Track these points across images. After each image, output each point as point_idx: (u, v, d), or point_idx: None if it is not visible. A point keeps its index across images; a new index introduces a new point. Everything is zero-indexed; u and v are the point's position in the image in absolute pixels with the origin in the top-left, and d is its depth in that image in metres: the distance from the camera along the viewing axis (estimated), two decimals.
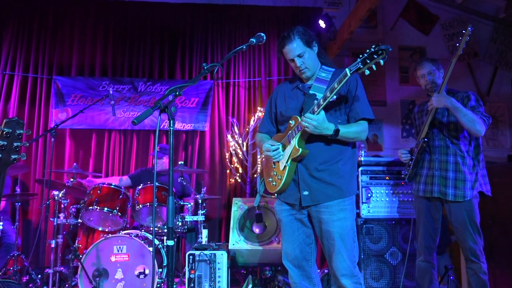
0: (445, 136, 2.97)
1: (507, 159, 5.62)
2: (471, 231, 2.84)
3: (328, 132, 2.20)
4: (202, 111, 5.28)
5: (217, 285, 3.41)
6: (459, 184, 2.87)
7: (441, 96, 2.86)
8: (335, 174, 2.29)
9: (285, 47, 2.36)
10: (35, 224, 4.88)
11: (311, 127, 2.17)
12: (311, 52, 2.37)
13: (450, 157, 2.93)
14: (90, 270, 3.39)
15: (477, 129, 2.80)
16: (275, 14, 5.54)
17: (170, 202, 1.82)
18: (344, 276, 2.23)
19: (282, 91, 2.55)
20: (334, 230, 2.25)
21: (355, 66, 2.05)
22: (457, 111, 2.80)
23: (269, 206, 3.85)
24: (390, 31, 5.74)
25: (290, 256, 2.38)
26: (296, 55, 2.35)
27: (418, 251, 3.06)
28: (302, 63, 2.36)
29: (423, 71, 3.07)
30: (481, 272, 2.83)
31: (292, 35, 2.34)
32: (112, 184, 3.92)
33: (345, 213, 2.27)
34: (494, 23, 5.76)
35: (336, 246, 2.24)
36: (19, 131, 1.68)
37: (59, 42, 5.27)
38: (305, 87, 2.43)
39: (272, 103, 2.58)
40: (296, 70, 2.42)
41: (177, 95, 1.85)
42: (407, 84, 5.73)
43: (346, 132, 2.26)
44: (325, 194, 2.28)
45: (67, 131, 5.14)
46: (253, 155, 5.21)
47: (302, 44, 2.33)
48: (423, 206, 3.03)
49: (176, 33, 5.43)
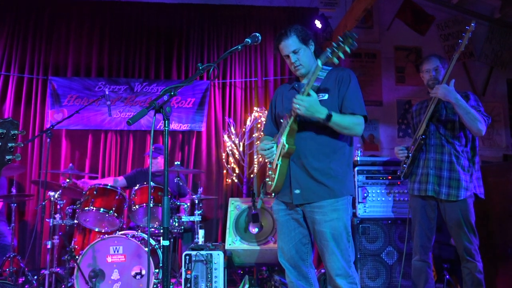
0: (441, 135, 2.96)
1: (502, 158, 5.65)
2: (466, 231, 2.85)
3: (320, 115, 2.17)
4: (199, 111, 5.28)
5: (213, 286, 3.41)
6: (453, 184, 2.88)
7: (448, 89, 2.79)
8: (327, 174, 2.27)
9: (281, 43, 2.38)
10: (31, 225, 4.86)
11: (303, 108, 2.14)
12: (306, 49, 2.37)
13: (445, 156, 2.93)
14: (86, 271, 3.38)
15: (479, 128, 2.79)
16: (271, 14, 5.54)
17: (165, 202, 1.82)
18: (339, 276, 2.23)
19: (281, 93, 2.55)
20: (327, 230, 2.23)
21: (325, 56, 2.09)
22: (461, 108, 2.78)
23: (266, 206, 3.85)
24: (386, 31, 5.75)
25: (286, 256, 2.38)
26: (291, 51, 2.35)
27: (414, 250, 3.07)
28: (296, 59, 2.36)
29: (429, 66, 3.05)
30: (477, 271, 2.85)
31: (289, 31, 2.35)
32: (108, 185, 3.91)
33: (338, 213, 2.25)
34: (490, 23, 5.78)
35: (329, 246, 2.23)
36: (14, 132, 1.67)
37: (55, 43, 5.26)
38: (300, 86, 2.41)
39: (272, 104, 2.60)
40: (291, 66, 2.43)
41: (172, 95, 1.85)
42: (403, 84, 5.75)
43: (339, 120, 2.21)
44: (316, 193, 2.26)
45: (63, 131, 5.13)
46: (249, 155, 5.21)
47: (298, 40, 2.34)
48: (418, 206, 3.03)
49: (172, 33, 5.42)
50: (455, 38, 5.77)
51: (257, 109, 5.24)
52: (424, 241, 3.00)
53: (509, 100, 5.90)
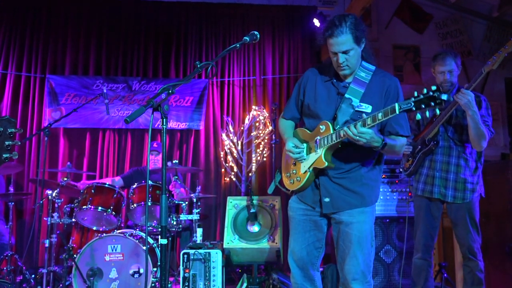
0: (449, 138, 2.91)
1: (500, 157, 5.66)
2: (471, 230, 2.83)
3: (376, 144, 2.01)
4: (197, 110, 5.27)
5: (211, 284, 3.41)
6: (459, 186, 2.85)
7: (472, 102, 2.67)
8: (358, 181, 2.16)
9: (333, 38, 2.07)
10: (29, 224, 4.85)
11: (364, 140, 1.96)
12: (357, 49, 2.12)
13: (452, 158, 2.89)
14: (84, 270, 3.37)
15: (481, 145, 2.77)
16: (270, 12, 5.54)
17: (163, 200, 1.81)
18: (356, 280, 2.13)
19: (313, 80, 2.29)
20: (353, 232, 2.13)
21: (407, 105, 1.85)
22: (474, 121, 2.71)
23: (264, 204, 3.85)
24: (384, 30, 5.76)
25: (295, 256, 2.28)
26: (342, 51, 2.09)
27: (416, 248, 3.02)
28: (345, 60, 2.10)
29: (443, 68, 2.89)
30: (478, 270, 2.84)
31: (345, 26, 2.05)
32: (106, 183, 3.91)
33: (365, 216, 2.15)
34: (488, 21, 5.79)
35: (352, 249, 2.13)
36: (11, 130, 1.66)
37: (53, 41, 5.24)
38: (339, 86, 2.21)
39: (300, 89, 2.34)
40: (334, 64, 2.17)
41: (170, 94, 1.84)
42: (401, 83, 5.64)
43: (391, 145, 2.07)
44: (347, 201, 2.15)
45: (61, 130, 5.11)
46: (248, 154, 5.21)
47: (352, 40, 2.07)
48: (423, 205, 2.98)
49: (170, 32, 5.41)
50: (453, 36, 5.78)
51: (256, 108, 5.24)
52: (428, 240, 2.96)
53: (507, 99, 5.92)
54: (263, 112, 5.21)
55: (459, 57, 2.96)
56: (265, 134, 5.16)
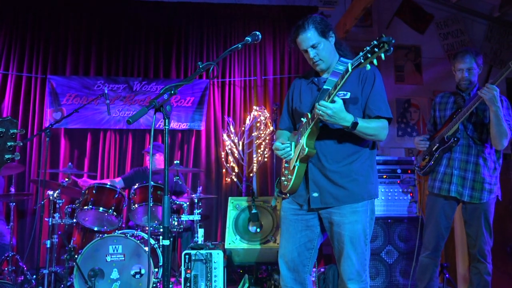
0: (468, 136, 2.86)
1: None
2: (484, 231, 2.81)
3: (345, 123, 2.02)
4: (198, 110, 5.27)
5: (213, 285, 3.41)
6: (477, 186, 2.81)
7: (496, 97, 2.63)
8: (347, 176, 2.15)
9: (299, 36, 2.20)
10: (30, 224, 4.85)
11: (325, 115, 1.99)
12: (326, 42, 2.20)
13: (471, 157, 2.85)
14: (85, 270, 3.37)
15: (503, 143, 2.72)
16: (271, 12, 5.53)
17: (165, 201, 1.81)
18: (351, 280, 2.14)
19: (298, 86, 2.39)
20: (345, 233, 2.13)
21: (357, 61, 1.90)
22: (497, 117, 2.66)
23: (265, 205, 3.85)
24: (385, 30, 5.75)
25: (286, 257, 2.26)
26: (310, 46, 2.18)
27: (425, 246, 2.98)
28: (315, 55, 2.19)
29: (462, 66, 2.86)
30: (485, 272, 2.82)
31: (307, 24, 2.17)
32: (107, 184, 3.91)
33: (357, 216, 2.14)
34: (489, 22, 5.78)
35: (346, 249, 2.13)
36: (13, 131, 1.66)
37: (54, 41, 5.24)
38: (320, 81, 2.27)
39: (289, 98, 2.43)
40: (309, 62, 2.26)
41: (172, 94, 1.83)
42: (402, 83, 5.74)
43: (365, 126, 2.07)
44: (335, 197, 2.15)
45: (62, 130, 5.11)
46: (249, 154, 5.20)
47: (317, 34, 2.16)
48: (437, 204, 2.94)
49: (171, 32, 5.41)
50: (454, 36, 5.77)
51: (256, 108, 5.23)
52: (438, 239, 2.92)
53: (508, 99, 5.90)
54: (264, 113, 5.20)
55: (481, 57, 2.90)
56: (266, 134, 5.16)
